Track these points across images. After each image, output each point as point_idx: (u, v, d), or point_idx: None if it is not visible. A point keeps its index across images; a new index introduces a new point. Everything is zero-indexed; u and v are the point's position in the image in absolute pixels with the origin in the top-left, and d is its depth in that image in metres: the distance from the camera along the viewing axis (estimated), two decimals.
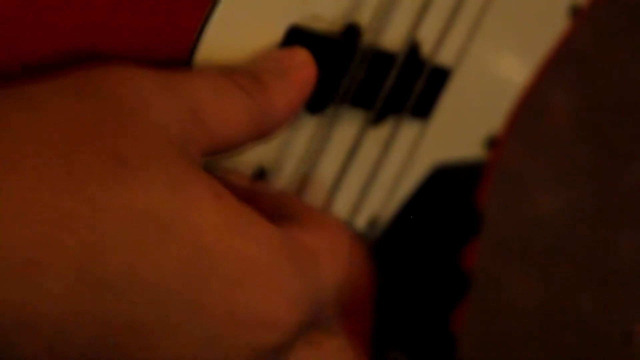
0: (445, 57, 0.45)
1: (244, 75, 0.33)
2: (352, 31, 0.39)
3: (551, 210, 1.32)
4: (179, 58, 0.34)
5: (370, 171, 0.45)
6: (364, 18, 0.40)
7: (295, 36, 0.37)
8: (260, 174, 0.40)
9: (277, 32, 0.37)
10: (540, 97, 0.54)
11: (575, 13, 0.52)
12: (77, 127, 0.28)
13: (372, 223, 0.48)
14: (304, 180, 0.41)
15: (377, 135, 0.45)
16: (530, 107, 0.53)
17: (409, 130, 0.46)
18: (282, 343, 0.30)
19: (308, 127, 0.40)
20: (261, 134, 0.34)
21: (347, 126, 0.42)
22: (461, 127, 0.50)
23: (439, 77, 0.45)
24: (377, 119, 0.43)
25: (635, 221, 1.33)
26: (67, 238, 0.26)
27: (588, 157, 1.34)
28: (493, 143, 0.53)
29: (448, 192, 0.50)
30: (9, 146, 0.27)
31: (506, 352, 1.25)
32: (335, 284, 0.33)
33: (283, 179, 0.41)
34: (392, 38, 0.42)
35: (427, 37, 0.44)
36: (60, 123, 0.28)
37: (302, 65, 0.35)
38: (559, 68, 0.54)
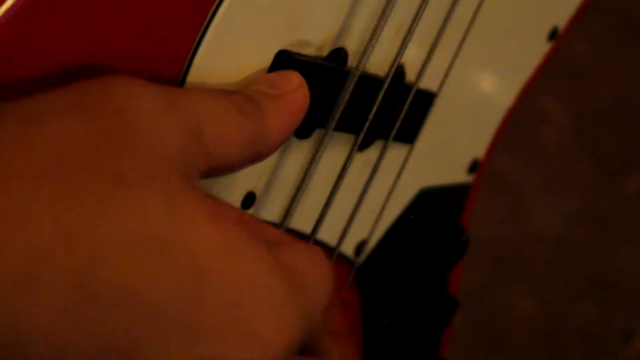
0: (429, 82, 0.46)
1: (242, 97, 0.34)
2: (338, 55, 0.40)
3: (550, 224, 1.33)
4: (171, 79, 0.35)
5: (357, 196, 0.46)
6: (351, 43, 0.40)
7: (284, 61, 0.37)
8: (250, 199, 0.40)
9: (266, 57, 0.37)
10: (535, 110, 0.54)
11: (555, 36, 0.52)
12: (76, 144, 0.27)
13: (360, 248, 0.48)
14: (292, 206, 0.41)
15: (364, 160, 0.45)
16: (527, 121, 0.54)
17: (395, 155, 0.46)
18: None
19: (297, 153, 0.41)
20: (256, 157, 0.34)
21: (335, 151, 0.43)
22: (446, 152, 0.51)
23: (424, 101, 0.46)
24: (363, 144, 0.44)
25: (632, 232, 1.34)
26: (62, 254, 0.26)
27: (584, 169, 1.35)
28: (476, 167, 0.54)
29: (434, 217, 0.50)
30: (6, 160, 0.26)
31: None
32: (322, 305, 0.33)
33: (272, 204, 0.41)
34: (378, 63, 0.42)
35: (411, 63, 0.44)
36: (60, 139, 0.27)
37: (297, 89, 0.36)
38: (555, 80, 0.54)
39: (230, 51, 0.36)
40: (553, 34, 0.52)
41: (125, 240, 0.27)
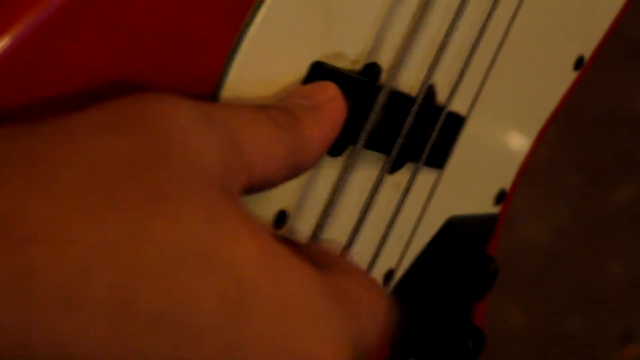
0: (458, 105, 0.45)
1: (278, 110, 0.33)
2: (372, 70, 0.39)
3: (539, 234, 1.32)
4: (205, 94, 0.34)
5: (387, 221, 0.45)
6: (384, 59, 0.40)
7: (319, 72, 0.37)
8: (282, 217, 0.39)
9: (300, 69, 0.36)
10: None
11: (582, 65, 0.52)
12: (114, 160, 0.27)
13: (388, 277, 0.47)
14: (322, 228, 0.41)
15: (395, 184, 0.44)
16: None
17: (425, 180, 0.46)
18: None
19: (329, 171, 0.40)
20: (296, 169, 0.33)
21: (366, 172, 0.42)
22: (474, 180, 0.50)
23: (454, 124, 0.45)
24: (394, 166, 0.43)
25: (621, 242, 1.34)
26: (106, 269, 0.25)
27: (573, 180, 1.35)
28: (503, 197, 0.53)
29: (463, 246, 0.49)
30: (46, 177, 0.26)
31: None
32: (375, 336, 0.32)
33: (304, 223, 0.40)
34: (410, 82, 0.42)
35: (442, 85, 0.44)
36: (98, 155, 0.27)
37: (333, 99, 0.35)
38: None
39: (264, 63, 0.35)
40: (579, 63, 0.52)
41: (168, 255, 0.26)
